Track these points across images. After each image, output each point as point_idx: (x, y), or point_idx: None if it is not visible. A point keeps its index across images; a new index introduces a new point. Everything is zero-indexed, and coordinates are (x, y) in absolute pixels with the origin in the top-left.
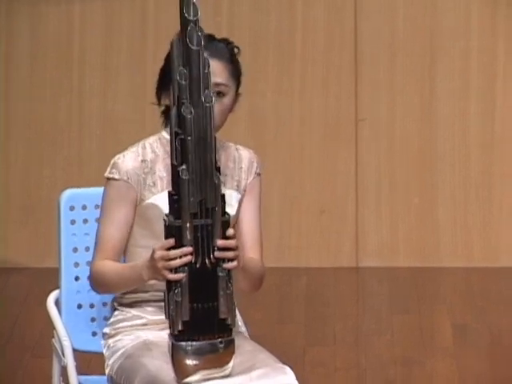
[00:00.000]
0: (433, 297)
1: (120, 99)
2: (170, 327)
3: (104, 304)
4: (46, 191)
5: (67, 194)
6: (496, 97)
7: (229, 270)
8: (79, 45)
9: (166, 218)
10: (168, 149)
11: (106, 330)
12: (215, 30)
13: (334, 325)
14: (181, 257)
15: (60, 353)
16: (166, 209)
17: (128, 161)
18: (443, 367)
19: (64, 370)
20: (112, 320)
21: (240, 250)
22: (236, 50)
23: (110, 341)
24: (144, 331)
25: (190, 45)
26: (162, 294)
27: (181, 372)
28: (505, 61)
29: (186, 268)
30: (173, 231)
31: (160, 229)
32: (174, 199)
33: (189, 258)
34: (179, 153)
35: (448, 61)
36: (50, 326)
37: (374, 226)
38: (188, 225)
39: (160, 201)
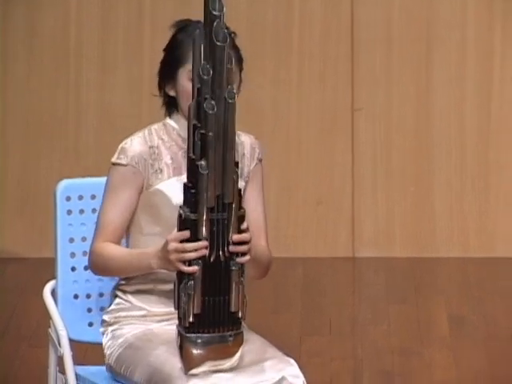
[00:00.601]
0: (429, 287)
1: (117, 91)
2: (178, 318)
3: (101, 294)
4: (43, 182)
5: (63, 184)
6: (492, 86)
7: (242, 264)
8: (76, 37)
9: (181, 210)
10: (174, 136)
11: (106, 317)
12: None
13: (330, 315)
14: (196, 250)
15: (56, 343)
16: (172, 196)
17: (136, 145)
18: (440, 358)
19: (60, 360)
20: (112, 308)
21: (252, 243)
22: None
23: (110, 329)
24: (144, 322)
25: (215, 40)
26: (166, 285)
27: (188, 362)
28: (501, 51)
29: (200, 261)
30: (188, 224)
31: (165, 215)
32: (192, 192)
33: (204, 251)
34: (198, 147)
35: (444, 51)
36: (47, 316)
37: (371, 216)
38: (204, 219)
39: (167, 188)
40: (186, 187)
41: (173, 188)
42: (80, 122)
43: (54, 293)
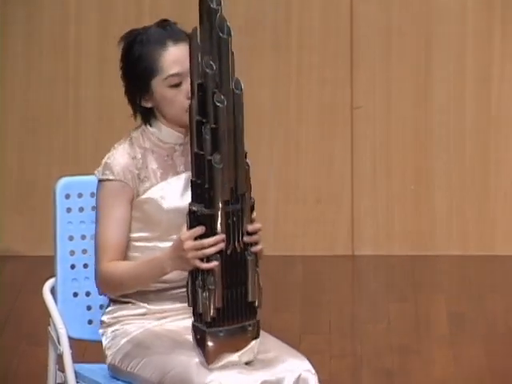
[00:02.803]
0: (429, 285)
1: (116, 87)
2: (196, 314)
3: None
4: (42, 179)
5: (63, 182)
6: (492, 82)
7: (255, 253)
8: (75, 33)
9: (192, 207)
10: (154, 141)
11: (104, 318)
12: None
13: (329, 313)
14: (213, 245)
15: (56, 341)
16: (162, 202)
17: (119, 159)
18: (439, 355)
19: (60, 358)
20: (110, 308)
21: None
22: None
23: (110, 329)
24: (144, 320)
25: (220, 33)
26: (163, 283)
27: (210, 356)
28: (501, 47)
29: (218, 256)
30: (203, 220)
31: (157, 220)
32: (205, 188)
33: (221, 245)
34: (208, 142)
35: (444, 46)
36: (46, 314)
37: (370, 214)
38: (220, 212)
39: (156, 194)
40: (194, 184)
41: (162, 193)
42: (79, 118)
43: (53, 291)
